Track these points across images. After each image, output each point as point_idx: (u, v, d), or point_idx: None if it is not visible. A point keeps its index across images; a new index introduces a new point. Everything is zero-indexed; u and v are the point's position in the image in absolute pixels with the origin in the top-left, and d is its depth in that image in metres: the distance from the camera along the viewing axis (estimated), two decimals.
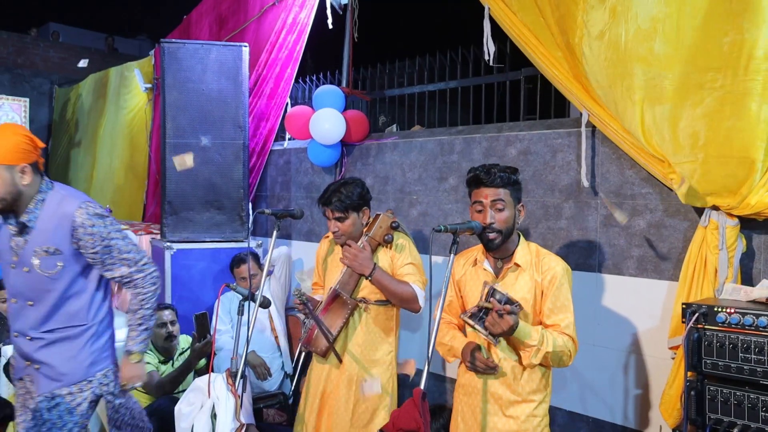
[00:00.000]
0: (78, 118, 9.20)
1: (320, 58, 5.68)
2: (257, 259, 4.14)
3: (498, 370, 2.15)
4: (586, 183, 2.97)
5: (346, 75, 4.58)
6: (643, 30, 2.53)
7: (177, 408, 2.76)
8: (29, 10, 13.41)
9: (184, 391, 3.19)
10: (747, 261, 2.54)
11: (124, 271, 2.37)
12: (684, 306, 2.20)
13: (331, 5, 4.41)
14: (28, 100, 7.94)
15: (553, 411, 3.10)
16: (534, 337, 2.06)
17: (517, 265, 2.19)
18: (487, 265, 2.26)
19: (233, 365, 2.55)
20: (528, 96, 3.86)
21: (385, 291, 2.62)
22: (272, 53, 4.85)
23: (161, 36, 5.61)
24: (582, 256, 3.09)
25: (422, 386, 1.89)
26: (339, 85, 4.55)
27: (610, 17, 2.63)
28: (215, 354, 3.74)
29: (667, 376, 2.62)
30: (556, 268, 2.17)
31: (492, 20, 3.23)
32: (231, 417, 2.58)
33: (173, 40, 4.29)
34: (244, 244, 4.26)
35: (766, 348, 2.01)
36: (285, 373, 4.00)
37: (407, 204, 3.96)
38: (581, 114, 2.95)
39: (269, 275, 4.16)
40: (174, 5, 6.99)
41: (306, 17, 4.61)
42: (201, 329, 3.14)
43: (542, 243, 3.09)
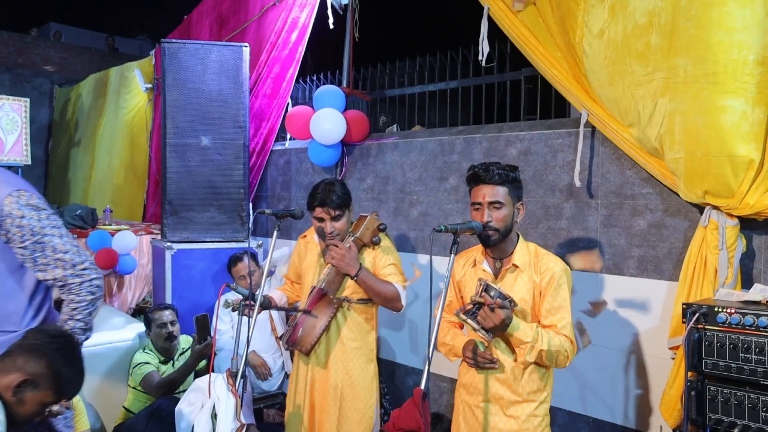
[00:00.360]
0: (78, 118, 9.20)
1: (321, 58, 5.68)
2: (255, 259, 4.13)
3: (498, 365, 2.15)
4: (578, 183, 2.97)
5: (347, 75, 4.58)
6: (640, 25, 2.53)
7: (177, 408, 2.76)
8: (30, 10, 13.40)
9: (184, 391, 3.19)
10: (747, 261, 2.54)
11: (58, 273, 2.03)
12: (684, 306, 2.20)
13: (332, 5, 4.41)
14: (28, 100, 7.93)
15: (553, 411, 3.10)
16: (528, 334, 2.06)
17: (515, 266, 2.19)
18: (486, 266, 2.26)
19: (233, 365, 2.55)
20: (528, 96, 3.86)
21: (369, 291, 2.64)
22: (273, 53, 4.85)
23: (162, 36, 5.61)
24: (582, 256, 3.09)
25: (422, 386, 1.89)
26: (339, 85, 4.55)
27: (609, 15, 2.62)
28: (215, 354, 3.75)
29: (667, 377, 2.62)
30: (555, 268, 2.15)
31: (491, 20, 3.23)
32: (231, 417, 2.58)
33: (174, 40, 4.30)
34: (245, 244, 4.26)
35: (766, 348, 2.01)
36: (285, 373, 4.00)
37: (408, 204, 3.96)
38: (581, 114, 2.95)
39: (270, 275, 4.16)
40: (174, 5, 6.98)
41: (306, 17, 4.61)
42: (201, 331, 3.14)
43: (542, 243, 3.09)
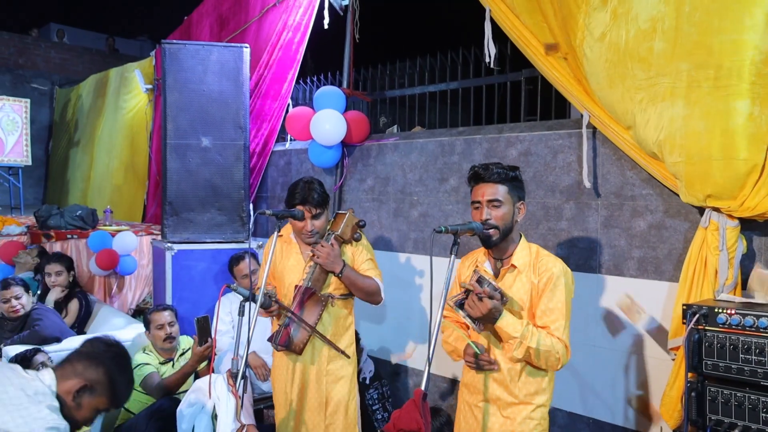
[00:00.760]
0: (78, 119, 9.21)
1: (321, 59, 5.68)
2: (256, 258, 4.13)
3: (497, 367, 2.15)
4: (588, 184, 2.97)
5: (347, 76, 4.58)
6: (642, 30, 2.53)
7: (179, 409, 2.77)
8: (30, 10, 13.41)
9: (184, 391, 3.20)
10: (747, 262, 2.54)
11: None
12: (684, 307, 2.21)
13: (332, 6, 4.42)
14: (29, 100, 7.95)
15: (553, 412, 3.10)
16: (517, 329, 2.04)
17: (514, 267, 2.18)
18: (487, 266, 2.26)
19: (234, 366, 2.55)
20: (528, 97, 3.86)
21: (352, 286, 2.70)
22: (273, 54, 4.85)
23: (162, 37, 5.62)
24: (582, 257, 3.09)
25: (423, 387, 1.89)
26: (340, 86, 4.55)
27: (612, 19, 2.62)
28: (216, 355, 3.75)
29: (667, 377, 2.62)
30: (553, 269, 2.12)
31: (493, 22, 3.23)
32: (232, 417, 2.59)
33: (174, 41, 4.30)
34: (245, 245, 4.26)
35: (766, 349, 2.01)
36: None
37: (408, 205, 3.96)
38: (582, 115, 2.95)
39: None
40: (175, 6, 6.99)
41: (306, 18, 4.62)
42: (202, 333, 3.13)
43: (542, 244, 3.09)
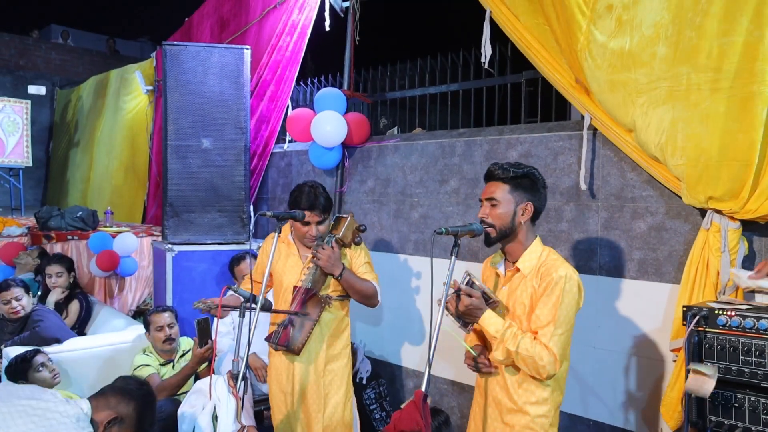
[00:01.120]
0: (78, 120, 9.22)
1: (321, 61, 5.69)
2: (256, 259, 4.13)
3: (494, 370, 2.12)
4: (584, 186, 2.97)
5: (348, 77, 4.58)
6: (646, 36, 2.54)
7: (179, 410, 2.77)
8: (31, 12, 13.43)
9: (185, 393, 3.20)
10: (748, 263, 2.54)
11: None
12: (685, 309, 2.20)
13: (333, 8, 4.42)
14: (29, 102, 7.95)
15: None
16: (498, 329, 2.00)
17: (518, 270, 2.12)
18: (500, 267, 2.20)
19: (234, 367, 2.55)
20: (529, 99, 3.86)
21: (350, 289, 2.72)
22: (273, 55, 4.86)
23: (162, 38, 5.63)
24: (583, 258, 3.09)
25: (423, 388, 1.89)
26: (340, 87, 4.55)
27: (617, 26, 2.63)
28: (216, 356, 3.75)
29: (668, 379, 2.62)
30: (553, 274, 2.02)
31: (493, 23, 3.24)
32: (232, 419, 2.59)
33: (175, 43, 4.30)
34: (246, 246, 4.27)
35: (766, 351, 2.01)
36: None
37: (408, 206, 3.96)
38: (582, 117, 2.96)
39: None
40: (175, 7, 6.99)
41: (307, 20, 4.62)
42: (202, 335, 3.13)
43: None
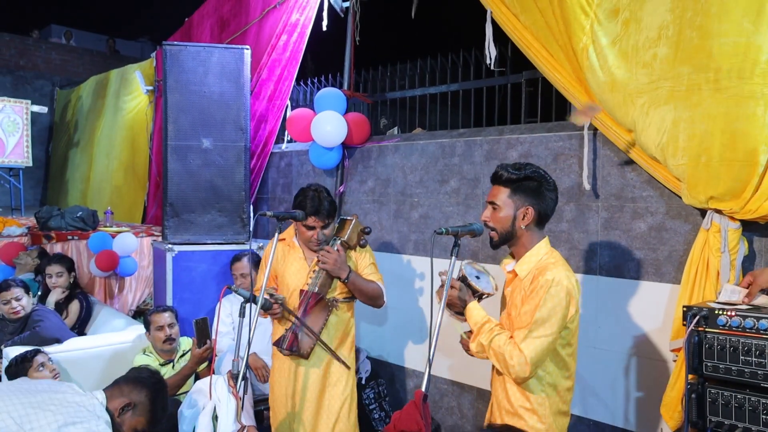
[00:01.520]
0: (77, 119, 9.22)
1: (321, 61, 5.69)
2: (257, 260, 4.13)
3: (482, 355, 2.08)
4: (587, 186, 2.97)
5: (348, 77, 4.58)
6: (650, 38, 2.54)
7: (179, 410, 2.77)
8: (31, 12, 13.44)
9: (185, 393, 3.20)
10: (749, 264, 2.54)
11: None
12: (685, 309, 2.20)
13: (332, 8, 4.42)
14: (29, 101, 7.96)
15: None
16: (477, 321, 2.04)
17: (515, 274, 2.08)
18: (509, 269, 2.15)
19: (234, 367, 2.55)
20: (529, 99, 3.86)
21: (357, 291, 2.73)
22: (273, 55, 4.86)
23: (162, 38, 5.63)
24: (583, 258, 3.09)
25: (423, 388, 1.89)
26: (340, 87, 4.55)
27: (623, 29, 2.63)
28: (216, 356, 3.75)
29: (668, 379, 2.62)
30: (540, 278, 1.96)
31: (494, 23, 3.24)
32: (232, 419, 2.59)
33: (175, 43, 4.31)
34: (246, 246, 4.27)
35: (766, 351, 2.01)
36: None
37: (408, 206, 3.96)
38: None
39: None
40: (175, 8, 7.00)
41: (306, 19, 4.62)
42: (201, 335, 3.13)
43: None
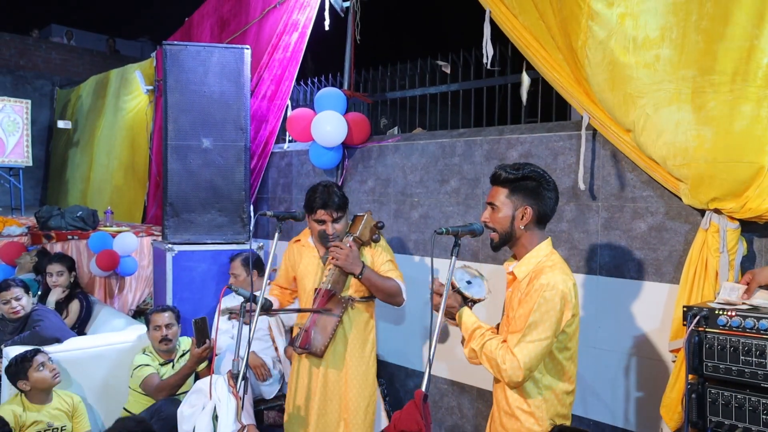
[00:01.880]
0: (77, 119, 9.22)
1: (321, 61, 5.69)
2: (259, 262, 4.13)
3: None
4: (583, 186, 2.97)
5: (348, 77, 4.58)
6: (651, 38, 2.53)
7: (179, 410, 2.77)
8: (31, 12, 13.44)
9: (185, 392, 3.20)
10: (748, 264, 2.54)
11: None
12: (685, 309, 2.20)
13: (333, 8, 4.42)
14: (29, 101, 7.96)
15: None
16: (467, 328, 2.02)
17: (514, 276, 2.07)
18: (510, 269, 2.14)
19: (234, 367, 2.56)
20: (529, 99, 3.86)
21: (373, 288, 2.70)
22: (273, 55, 4.86)
23: (162, 38, 5.62)
24: (583, 258, 3.09)
25: (423, 388, 1.89)
26: (340, 87, 4.55)
27: (618, 23, 2.62)
28: (217, 354, 3.75)
29: (668, 379, 2.62)
30: (535, 282, 1.94)
31: (493, 23, 3.23)
32: (232, 418, 2.59)
33: (175, 42, 4.31)
34: (246, 246, 4.27)
35: (767, 351, 2.01)
36: (285, 381, 3.97)
37: (408, 206, 3.96)
38: (582, 117, 2.96)
39: (271, 279, 4.16)
40: (175, 7, 7.00)
41: (306, 19, 4.62)
42: (200, 335, 3.13)
43: None
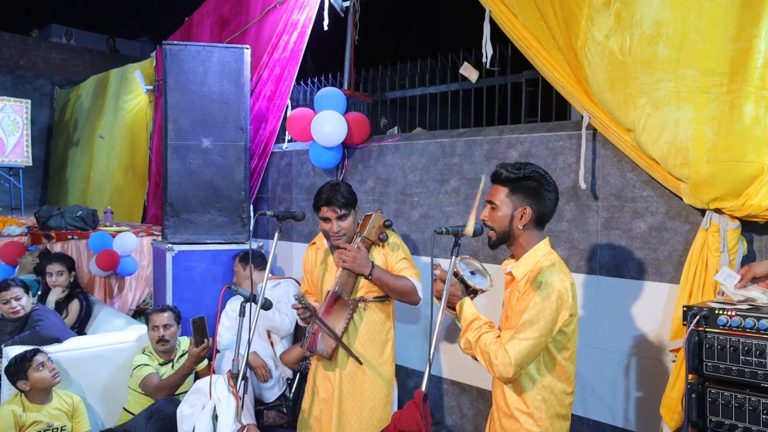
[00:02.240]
0: (77, 119, 9.22)
1: (321, 60, 5.69)
2: (262, 259, 4.12)
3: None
4: (583, 185, 2.97)
5: (348, 77, 4.58)
6: (647, 35, 2.53)
7: (179, 410, 2.77)
8: (31, 11, 13.44)
9: (185, 392, 3.20)
10: (748, 263, 2.54)
11: None
12: (685, 309, 2.20)
13: (333, 7, 4.42)
14: (29, 101, 7.96)
15: None
16: (466, 319, 2.02)
17: (512, 276, 2.06)
18: (509, 269, 2.13)
19: (234, 367, 2.56)
20: (529, 98, 3.86)
21: (385, 288, 2.66)
22: (273, 55, 4.86)
23: (162, 38, 5.62)
24: (583, 258, 3.09)
25: (423, 388, 1.89)
26: (340, 87, 4.55)
27: (616, 22, 2.62)
28: (218, 352, 3.75)
29: (668, 379, 2.62)
30: (532, 281, 1.94)
31: (493, 23, 3.24)
32: (232, 418, 2.59)
33: (175, 42, 4.31)
34: (246, 246, 4.27)
35: (767, 351, 2.01)
36: (287, 384, 3.96)
37: (408, 206, 3.96)
38: (582, 117, 2.96)
39: (273, 274, 4.16)
40: (175, 7, 6.99)
41: (306, 19, 4.62)
42: (198, 334, 3.13)
43: None
